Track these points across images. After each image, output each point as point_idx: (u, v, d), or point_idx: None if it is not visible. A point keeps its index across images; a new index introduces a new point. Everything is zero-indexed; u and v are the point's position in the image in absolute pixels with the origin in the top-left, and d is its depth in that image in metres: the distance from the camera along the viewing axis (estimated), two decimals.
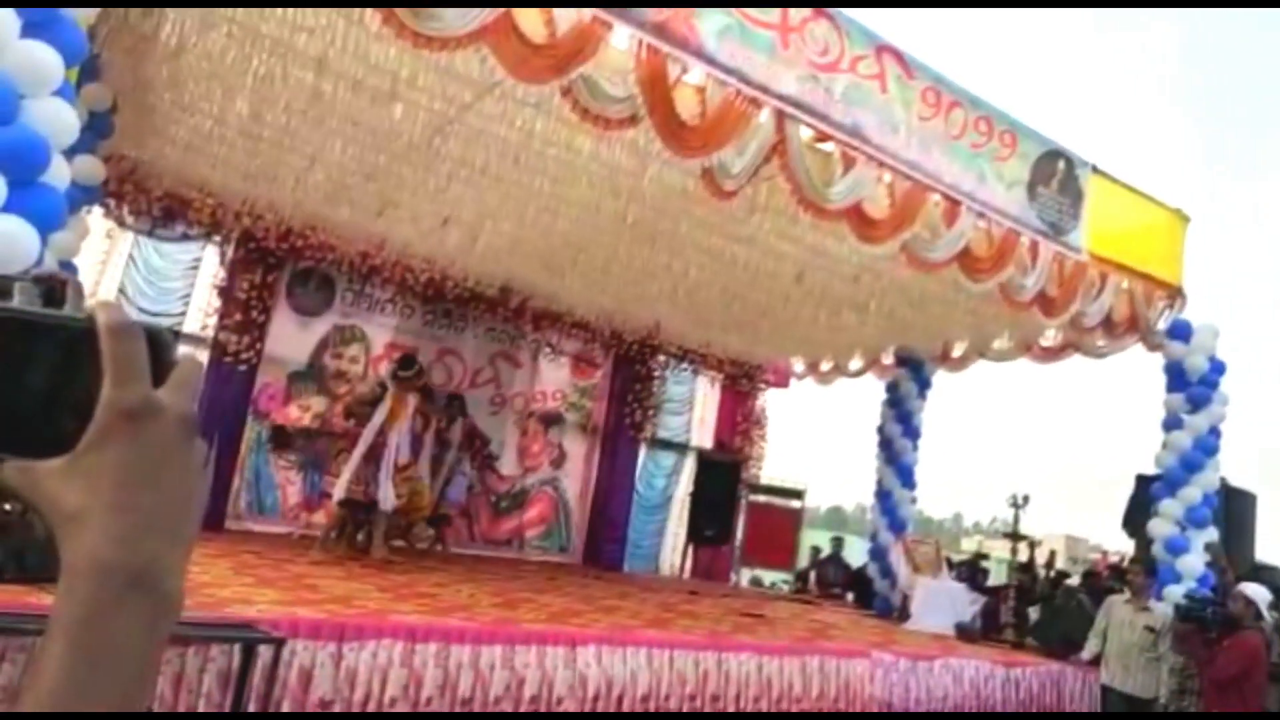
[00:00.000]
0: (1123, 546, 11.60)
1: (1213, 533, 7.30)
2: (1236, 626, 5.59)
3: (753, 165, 5.25)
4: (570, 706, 4.53)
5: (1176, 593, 6.77)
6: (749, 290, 8.05)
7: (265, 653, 3.68)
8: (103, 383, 0.47)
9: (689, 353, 11.20)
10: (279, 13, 4.86)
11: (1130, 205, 7.30)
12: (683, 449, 11.63)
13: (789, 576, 12.62)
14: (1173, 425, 7.58)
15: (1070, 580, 10.43)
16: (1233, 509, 8.05)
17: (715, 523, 10.88)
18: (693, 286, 8.13)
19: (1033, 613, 8.45)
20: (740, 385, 11.83)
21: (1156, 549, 7.36)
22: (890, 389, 10.07)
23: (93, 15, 4.11)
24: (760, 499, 12.14)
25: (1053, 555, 14.99)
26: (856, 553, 11.94)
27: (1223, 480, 7.70)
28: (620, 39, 4.72)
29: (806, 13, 5.30)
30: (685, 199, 6.16)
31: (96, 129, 5.32)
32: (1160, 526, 7.41)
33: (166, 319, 8.07)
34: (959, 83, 6.07)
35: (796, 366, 11.55)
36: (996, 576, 10.40)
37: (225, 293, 8.40)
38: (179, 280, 8.55)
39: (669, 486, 11.53)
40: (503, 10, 4.38)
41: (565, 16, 4.59)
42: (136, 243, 8.31)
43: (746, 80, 5.02)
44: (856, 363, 10.31)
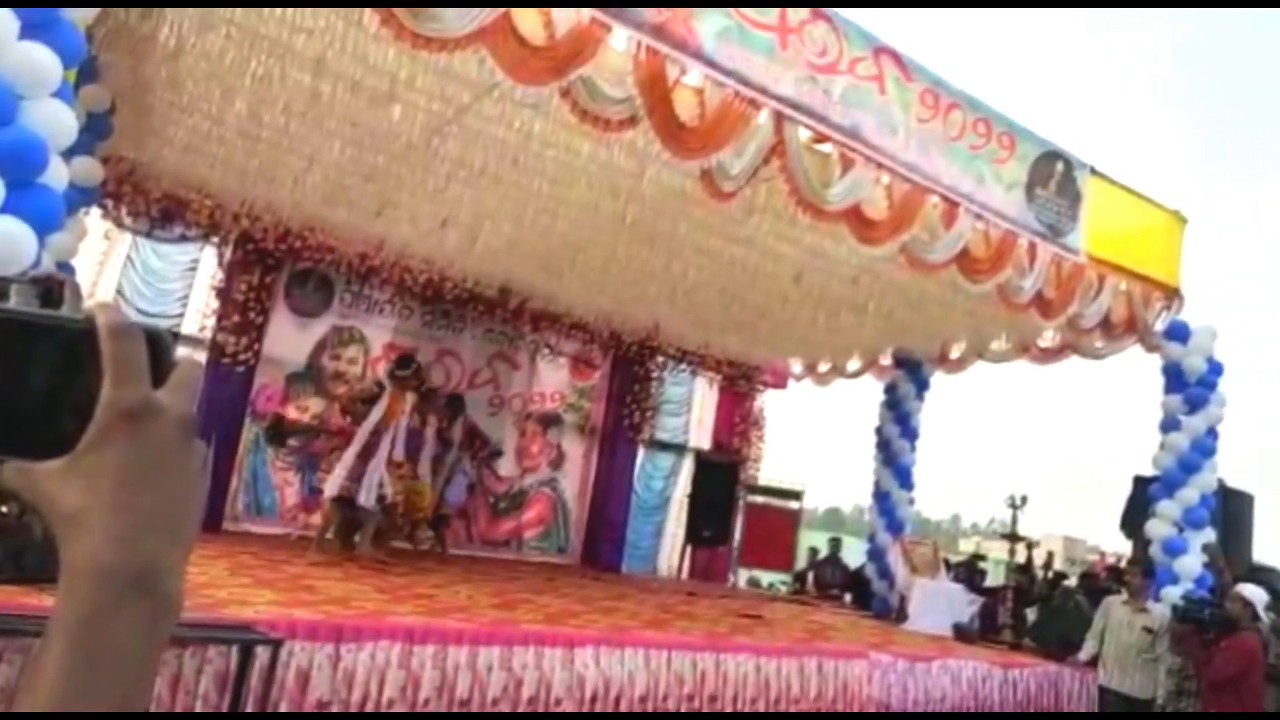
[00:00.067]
0: (1120, 547, 11.58)
1: (1210, 534, 7.30)
2: (1234, 627, 5.59)
3: (751, 166, 5.26)
4: (568, 707, 4.53)
5: (1174, 594, 6.78)
6: (747, 291, 8.05)
7: (263, 654, 3.68)
8: (102, 383, 0.47)
9: (687, 354, 11.19)
10: (278, 14, 4.86)
11: (1128, 206, 7.31)
12: (681, 450, 11.62)
13: (787, 577, 12.62)
14: (1170, 426, 7.59)
15: (1068, 581, 10.41)
16: (1230, 510, 8.03)
17: (713, 524, 10.87)
18: (691, 287, 8.12)
19: (1030, 614, 8.44)
20: (738, 386, 11.82)
21: (1154, 550, 7.37)
22: (888, 390, 10.07)
23: (91, 16, 4.11)
24: (758, 500, 12.13)
25: (1050, 556, 14.94)
26: (854, 554, 11.93)
27: (1220, 481, 7.70)
28: (619, 40, 4.72)
29: (805, 14, 5.30)
30: (684, 200, 6.16)
31: (95, 130, 5.32)
32: (1158, 527, 7.41)
33: (164, 320, 8.04)
34: (956, 84, 6.08)
35: (795, 367, 11.55)
36: (994, 577, 10.38)
37: (223, 294, 8.38)
38: (177, 281, 8.54)
39: (667, 487, 11.53)
40: (501, 11, 4.37)
41: (564, 18, 4.59)
42: (134, 244, 8.29)
43: (745, 82, 5.02)
44: (855, 364, 10.30)
